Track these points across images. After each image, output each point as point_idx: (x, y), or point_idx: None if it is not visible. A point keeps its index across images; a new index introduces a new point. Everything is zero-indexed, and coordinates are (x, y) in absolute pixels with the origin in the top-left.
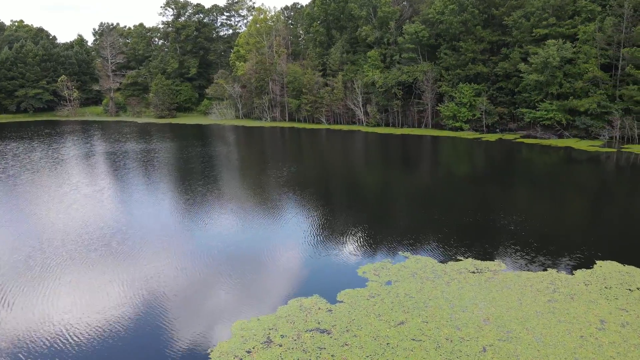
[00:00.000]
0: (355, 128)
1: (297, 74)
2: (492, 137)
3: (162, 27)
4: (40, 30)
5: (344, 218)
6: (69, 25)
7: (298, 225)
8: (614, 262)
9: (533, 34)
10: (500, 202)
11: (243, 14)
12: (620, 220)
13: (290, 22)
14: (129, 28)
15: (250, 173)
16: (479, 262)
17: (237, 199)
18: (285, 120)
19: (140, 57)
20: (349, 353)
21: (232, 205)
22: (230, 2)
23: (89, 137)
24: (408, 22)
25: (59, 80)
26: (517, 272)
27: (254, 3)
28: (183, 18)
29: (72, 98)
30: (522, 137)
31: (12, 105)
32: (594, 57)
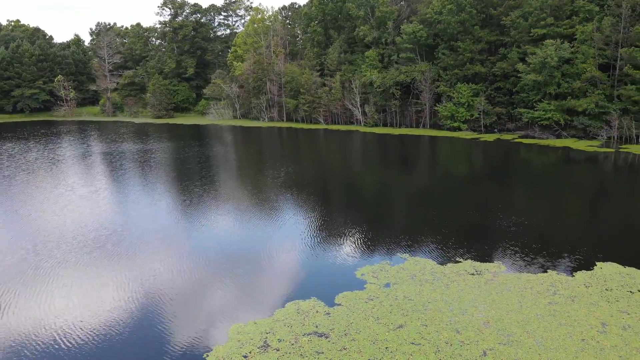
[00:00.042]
0: (353, 128)
1: (294, 74)
2: (490, 137)
3: (159, 26)
4: (37, 30)
5: (342, 219)
6: (69, 26)
7: (295, 227)
8: (614, 263)
9: (531, 34)
10: (499, 202)
11: (240, 14)
12: (620, 221)
13: (288, 22)
14: (126, 28)
15: (248, 173)
16: (479, 263)
17: (234, 200)
18: (283, 121)
19: (138, 57)
20: (347, 357)
21: (229, 207)
22: (228, 2)
23: (86, 137)
24: (406, 22)
25: (56, 80)
26: (516, 273)
27: (252, 3)
28: (180, 18)
29: (68, 98)
30: (520, 137)
31: (8, 106)
32: (592, 57)
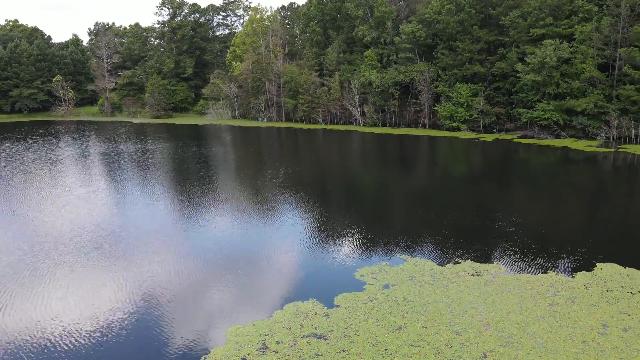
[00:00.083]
0: (352, 128)
1: (293, 74)
2: (489, 137)
3: (158, 26)
4: (35, 30)
5: (341, 219)
6: (69, 26)
7: (294, 227)
8: (614, 264)
9: (530, 34)
10: (498, 203)
11: (239, 14)
12: (619, 221)
13: (287, 22)
14: (125, 28)
15: (247, 174)
16: (478, 264)
17: (233, 200)
18: (282, 121)
19: (136, 57)
20: None
21: (227, 207)
22: (227, 1)
23: (84, 137)
24: (405, 21)
25: (54, 80)
26: (516, 274)
27: (250, 3)
28: (179, 18)
29: (67, 98)
30: (519, 137)
31: (6, 106)
32: (591, 57)
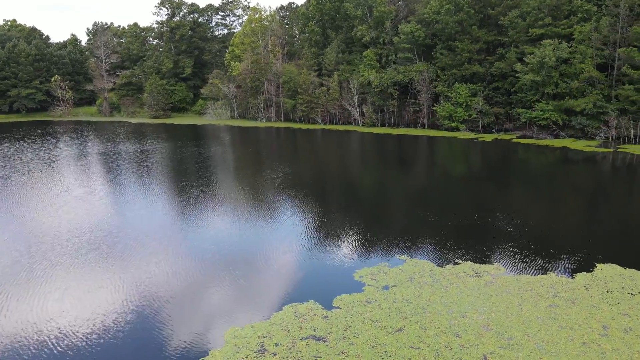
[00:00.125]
0: (351, 128)
1: (292, 74)
2: (488, 137)
3: (156, 26)
4: (33, 30)
5: (340, 220)
6: (68, 26)
7: (293, 228)
8: (615, 265)
9: (529, 34)
10: (498, 203)
11: (238, 14)
12: (619, 222)
13: (286, 21)
14: (123, 28)
15: (245, 174)
16: (478, 265)
17: (231, 201)
18: (281, 121)
19: (135, 56)
20: None
21: (226, 208)
22: (225, 1)
23: (82, 137)
24: (404, 21)
25: (52, 80)
26: (516, 275)
27: (249, 3)
28: (177, 17)
29: (65, 98)
30: (518, 137)
31: (4, 106)
32: (590, 57)
